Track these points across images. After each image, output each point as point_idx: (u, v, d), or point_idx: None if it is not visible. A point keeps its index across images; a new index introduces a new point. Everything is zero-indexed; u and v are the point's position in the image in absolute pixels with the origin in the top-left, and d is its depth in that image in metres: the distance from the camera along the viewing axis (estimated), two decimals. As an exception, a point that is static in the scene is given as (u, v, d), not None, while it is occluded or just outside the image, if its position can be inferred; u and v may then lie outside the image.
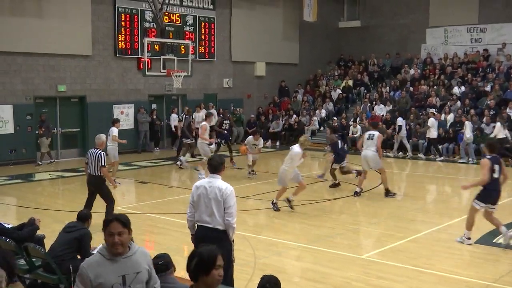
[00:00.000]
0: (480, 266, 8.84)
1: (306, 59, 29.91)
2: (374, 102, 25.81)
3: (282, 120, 26.38)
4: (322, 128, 25.67)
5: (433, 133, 21.38)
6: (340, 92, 27.89)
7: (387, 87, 26.99)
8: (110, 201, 10.87)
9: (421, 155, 21.75)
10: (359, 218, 12.20)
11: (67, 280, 6.97)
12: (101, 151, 10.71)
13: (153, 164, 20.28)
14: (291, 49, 29.19)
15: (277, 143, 25.65)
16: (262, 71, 27.98)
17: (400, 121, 22.13)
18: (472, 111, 22.46)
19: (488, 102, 22.86)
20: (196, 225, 6.77)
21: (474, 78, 25.09)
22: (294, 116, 26.32)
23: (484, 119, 21.68)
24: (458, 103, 23.61)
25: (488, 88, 24.05)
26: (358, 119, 24.33)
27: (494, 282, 8.01)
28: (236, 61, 26.82)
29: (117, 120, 16.69)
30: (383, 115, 24.26)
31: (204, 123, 16.98)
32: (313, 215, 12.22)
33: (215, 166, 6.75)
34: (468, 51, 27.33)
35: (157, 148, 23.44)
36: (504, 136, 20.10)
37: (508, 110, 21.90)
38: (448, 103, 23.59)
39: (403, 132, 22.06)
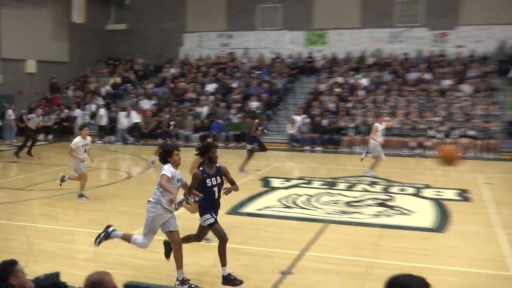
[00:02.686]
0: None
1: (76, 57, 28.79)
2: (139, 97, 25.93)
3: (54, 115, 25.13)
4: (92, 121, 24.97)
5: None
6: (109, 88, 27.42)
7: (151, 84, 27.27)
8: None
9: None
10: (129, 201, 12.26)
11: None
12: None
13: None
14: (61, 48, 27.85)
15: (49, 136, 24.58)
16: (33, 69, 26.23)
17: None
18: (223, 104, 23.91)
19: (235, 97, 24.47)
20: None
21: (223, 76, 26.61)
22: (66, 110, 25.32)
23: (233, 111, 23.21)
24: (211, 97, 24.86)
25: (234, 85, 25.72)
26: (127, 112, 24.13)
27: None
28: (6, 58, 24.73)
29: (84, 126, 12.32)
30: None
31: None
32: (87, 202, 11.97)
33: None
34: (219, 53, 28.84)
35: None
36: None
37: (249, 103, 23.72)
38: (203, 97, 24.72)
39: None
